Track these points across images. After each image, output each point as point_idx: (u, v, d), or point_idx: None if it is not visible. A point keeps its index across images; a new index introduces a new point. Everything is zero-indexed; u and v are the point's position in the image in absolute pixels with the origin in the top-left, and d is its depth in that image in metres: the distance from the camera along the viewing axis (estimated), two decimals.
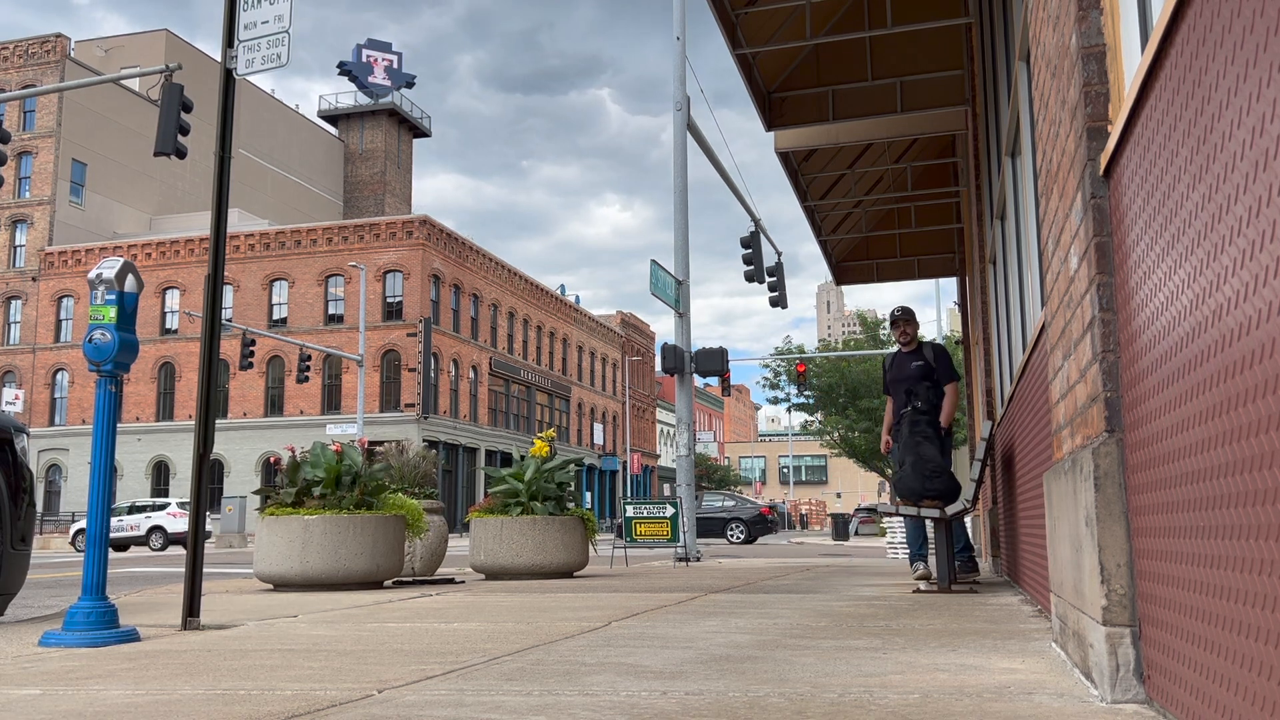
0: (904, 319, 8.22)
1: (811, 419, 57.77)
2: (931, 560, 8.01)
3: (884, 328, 51.15)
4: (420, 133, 76.43)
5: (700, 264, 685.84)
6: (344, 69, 70.29)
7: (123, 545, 31.66)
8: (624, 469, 69.26)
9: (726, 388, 29.69)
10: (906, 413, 7.63)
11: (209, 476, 5.51)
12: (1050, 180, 3.44)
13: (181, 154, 17.40)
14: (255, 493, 9.27)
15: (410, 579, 9.06)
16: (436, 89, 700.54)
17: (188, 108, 17.60)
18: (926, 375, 7.92)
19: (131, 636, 4.55)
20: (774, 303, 25.47)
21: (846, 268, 18.96)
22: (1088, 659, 2.81)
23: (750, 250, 23.09)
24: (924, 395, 7.62)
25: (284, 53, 5.85)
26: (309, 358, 38.86)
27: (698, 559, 14.46)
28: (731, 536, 28.41)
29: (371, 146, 72.91)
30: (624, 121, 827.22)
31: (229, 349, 44.75)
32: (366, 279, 42.20)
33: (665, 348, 16.62)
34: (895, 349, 8.45)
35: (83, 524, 35.45)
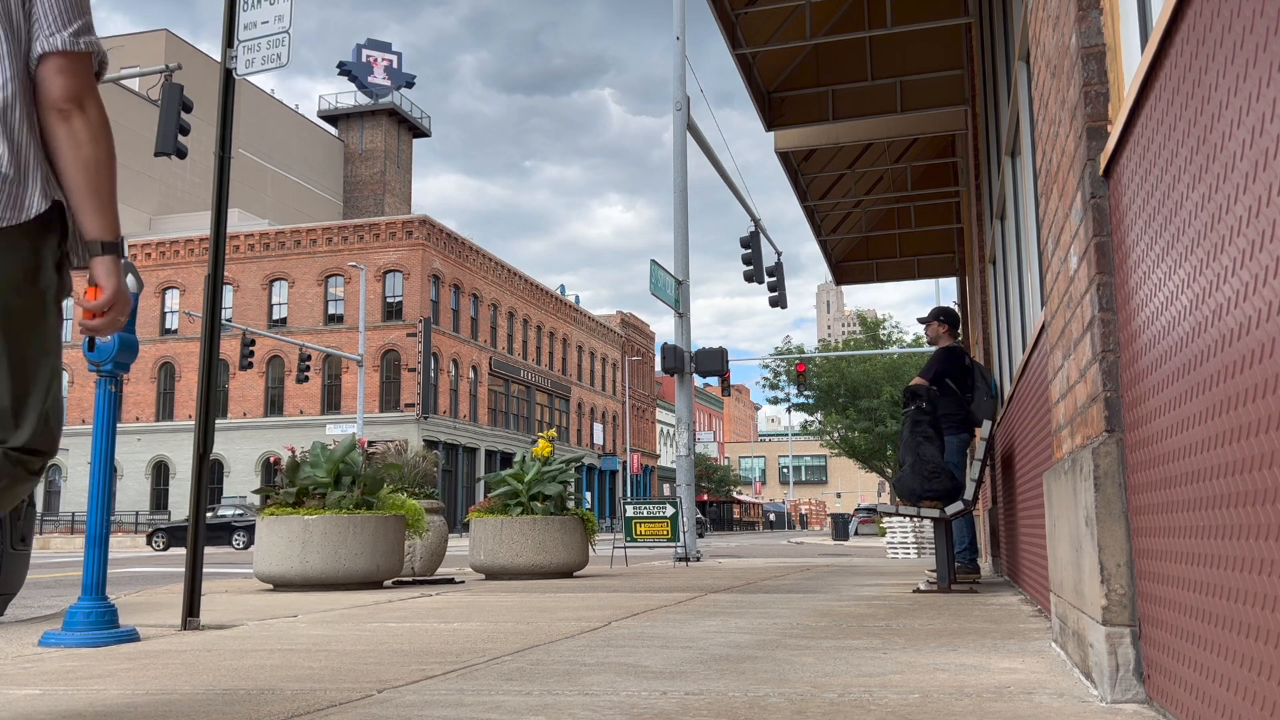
0: (925, 320, 8.41)
1: (811, 419, 57.80)
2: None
3: (884, 328, 51.19)
4: (420, 133, 76.49)
5: (701, 264, 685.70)
6: (344, 69, 70.33)
7: None
8: (624, 469, 69.28)
9: (726, 388, 29.68)
10: (909, 412, 7.65)
11: (209, 476, 5.51)
12: (1050, 180, 3.44)
13: (181, 154, 17.40)
14: (255, 492, 9.27)
15: (410, 579, 9.06)
16: (440, 89, 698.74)
17: (188, 108, 17.61)
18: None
19: (131, 636, 4.55)
20: (774, 303, 25.47)
21: (846, 268, 18.96)
22: (1088, 659, 2.81)
23: (750, 250, 23.10)
24: (924, 395, 7.64)
25: (284, 53, 5.85)
26: (309, 358, 38.87)
27: (698, 559, 14.47)
28: (236, 543, 30.85)
29: (371, 146, 72.94)
30: (626, 122, 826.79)
31: (229, 349, 44.76)
32: (366, 279, 42.21)
33: (665, 348, 16.62)
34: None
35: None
